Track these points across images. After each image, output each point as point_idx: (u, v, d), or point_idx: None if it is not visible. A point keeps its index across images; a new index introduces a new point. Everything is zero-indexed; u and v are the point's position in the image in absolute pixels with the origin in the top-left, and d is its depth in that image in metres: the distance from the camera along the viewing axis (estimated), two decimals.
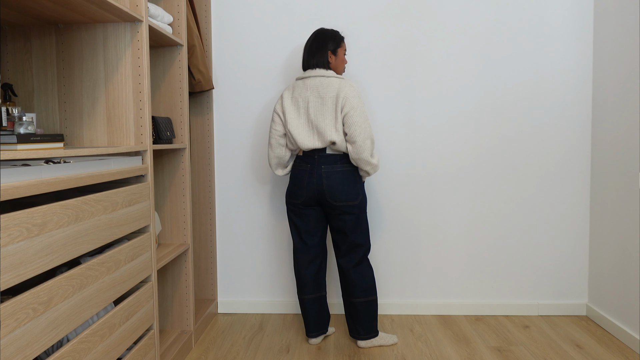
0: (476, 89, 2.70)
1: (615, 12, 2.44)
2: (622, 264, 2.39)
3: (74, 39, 1.84)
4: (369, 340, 2.32)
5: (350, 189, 2.22)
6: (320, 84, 2.20)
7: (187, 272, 2.37)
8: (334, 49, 2.26)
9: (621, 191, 2.39)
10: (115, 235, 1.57)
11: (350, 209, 2.23)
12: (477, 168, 2.73)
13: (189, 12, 2.44)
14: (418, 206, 2.76)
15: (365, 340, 2.32)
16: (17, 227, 1.10)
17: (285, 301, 2.83)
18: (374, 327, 2.31)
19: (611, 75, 2.48)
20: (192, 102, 2.77)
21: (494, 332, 2.50)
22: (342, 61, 2.30)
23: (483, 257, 2.77)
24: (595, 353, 2.24)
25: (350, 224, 2.25)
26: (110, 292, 1.54)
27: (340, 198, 2.21)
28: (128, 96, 1.84)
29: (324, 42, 2.26)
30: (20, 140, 1.30)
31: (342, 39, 2.30)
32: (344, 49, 2.31)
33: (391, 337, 2.37)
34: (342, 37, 2.30)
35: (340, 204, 2.22)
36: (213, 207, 2.80)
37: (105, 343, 1.49)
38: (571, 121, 2.70)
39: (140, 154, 1.86)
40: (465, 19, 2.68)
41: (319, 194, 2.23)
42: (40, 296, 1.18)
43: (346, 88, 2.18)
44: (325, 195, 2.22)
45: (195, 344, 2.41)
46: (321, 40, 2.26)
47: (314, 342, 2.38)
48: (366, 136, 2.16)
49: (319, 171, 2.22)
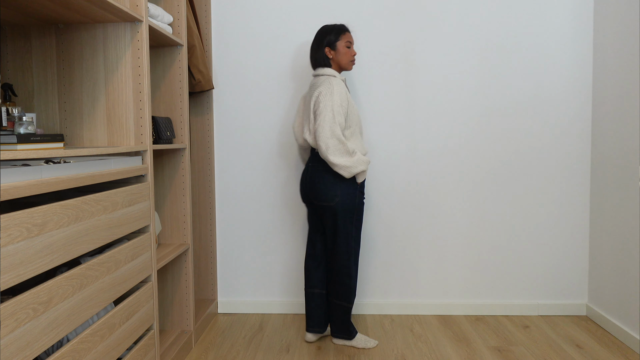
0: (476, 90, 2.70)
1: (615, 12, 2.44)
2: (622, 264, 2.39)
3: (74, 39, 1.84)
4: (339, 339, 2.36)
5: (326, 190, 2.19)
6: (314, 83, 2.26)
7: (187, 272, 2.37)
8: (332, 43, 2.24)
9: (621, 191, 2.39)
10: (115, 235, 1.57)
11: (327, 210, 2.21)
12: (477, 168, 2.73)
13: (189, 12, 2.44)
14: (418, 206, 2.76)
15: (336, 338, 2.36)
16: (17, 227, 1.09)
17: (285, 301, 2.83)
18: (346, 330, 2.32)
19: (611, 76, 2.48)
20: (192, 102, 2.77)
21: (494, 332, 2.50)
22: (344, 54, 2.24)
23: (483, 257, 2.77)
24: (595, 353, 2.24)
25: (328, 226, 2.25)
26: (110, 292, 1.54)
27: (317, 197, 2.22)
28: (128, 96, 1.84)
29: (321, 39, 2.26)
30: (20, 140, 1.30)
31: (342, 31, 2.25)
32: (346, 41, 2.24)
33: (368, 341, 2.33)
34: (342, 30, 2.25)
35: (319, 203, 2.23)
36: (213, 207, 2.80)
37: (105, 343, 1.49)
38: (571, 121, 2.69)
39: (140, 154, 1.86)
40: (465, 19, 2.68)
41: (306, 191, 2.28)
42: (40, 296, 1.18)
43: (321, 87, 2.16)
44: (308, 193, 2.27)
45: (195, 344, 2.41)
46: (318, 37, 2.28)
47: (309, 338, 2.38)
48: (328, 136, 2.09)
49: (308, 168, 2.29)
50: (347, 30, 2.28)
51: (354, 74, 2.72)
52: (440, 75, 2.71)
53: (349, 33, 2.27)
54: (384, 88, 2.72)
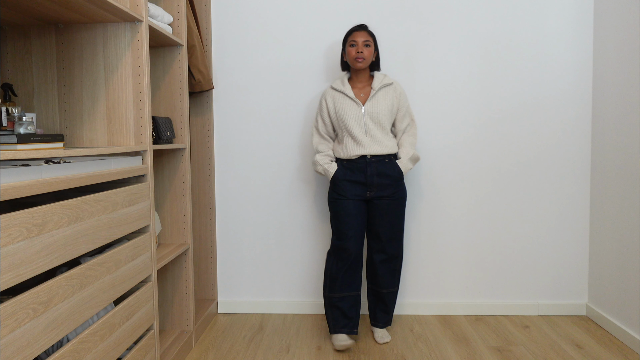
0: (476, 90, 2.70)
1: (615, 12, 2.44)
2: (622, 264, 2.39)
3: (74, 39, 1.84)
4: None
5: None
6: None
7: (187, 272, 2.37)
8: (343, 47, 2.37)
9: (621, 191, 2.39)
10: (115, 235, 1.57)
11: None
12: (478, 168, 2.73)
13: (189, 12, 2.44)
14: (418, 206, 2.76)
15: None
16: (17, 227, 1.10)
17: (285, 301, 2.83)
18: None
19: (611, 76, 2.48)
20: (192, 102, 2.77)
21: (494, 332, 2.50)
22: (349, 54, 2.32)
23: (483, 257, 2.77)
24: (595, 353, 2.24)
25: None
26: (110, 292, 1.54)
27: None
28: (128, 96, 1.84)
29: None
30: (20, 140, 1.30)
31: (349, 32, 2.34)
32: (351, 41, 2.31)
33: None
34: (349, 31, 2.34)
35: None
36: (213, 207, 2.80)
37: (105, 343, 1.49)
38: (571, 121, 2.70)
39: (140, 154, 1.86)
40: (466, 19, 2.68)
41: None
42: (40, 296, 1.18)
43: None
44: None
45: (195, 344, 2.41)
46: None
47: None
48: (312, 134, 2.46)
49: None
50: (355, 30, 2.33)
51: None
52: (440, 76, 2.71)
53: (356, 32, 2.32)
54: None
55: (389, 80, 2.36)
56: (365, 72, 2.36)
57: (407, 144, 2.36)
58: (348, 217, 2.29)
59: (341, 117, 2.31)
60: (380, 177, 2.29)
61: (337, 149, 2.37)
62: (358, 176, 2.29)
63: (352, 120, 2.28)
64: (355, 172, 2.29)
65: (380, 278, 2.39)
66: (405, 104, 2.39)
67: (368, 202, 2.36)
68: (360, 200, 2.32)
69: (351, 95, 2.31)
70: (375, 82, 2.34)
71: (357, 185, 2.30)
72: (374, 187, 2.29)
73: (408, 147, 2.35)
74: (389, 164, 2.30)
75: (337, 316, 2.32)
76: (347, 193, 2.30)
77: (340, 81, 2.37)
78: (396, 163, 2.32)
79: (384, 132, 2.32)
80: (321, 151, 2.39)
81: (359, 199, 2.31)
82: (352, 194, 2.30)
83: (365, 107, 2.29)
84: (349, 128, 2.29)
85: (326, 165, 2.35)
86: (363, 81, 2.36)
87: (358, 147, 2.28)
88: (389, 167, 2.30)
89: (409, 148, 2.35)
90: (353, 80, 2.38)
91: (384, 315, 2.44)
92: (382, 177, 2.29)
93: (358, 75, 2.36)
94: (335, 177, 2.32)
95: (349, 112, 2.29)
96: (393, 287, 2.41)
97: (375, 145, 2.28)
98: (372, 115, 2.28)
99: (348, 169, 2.31)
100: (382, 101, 2.31)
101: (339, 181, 2.31)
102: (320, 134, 2.42)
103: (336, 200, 2.33)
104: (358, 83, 2.37)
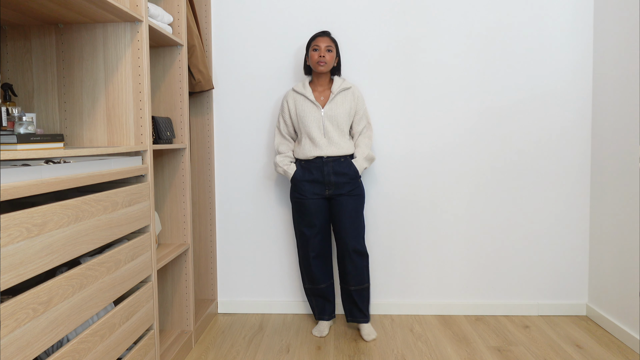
0: (476, 89, 2.70)
1: (615, 12, 2.44)
2: (622, 264, 2.39)
3: (74, 39, 1.84)
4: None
5: None
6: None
7: (187, 272, 2.37)
8: (307, 51, 2.45)
9: (621, 191, 2.39)
10: (115, 235, 1.57)
11: None
12: (477, 168, 2.73)
13: (189, 12, 2.44)
14: (418, 206, 2.76)
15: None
16: (17, 227, 1.09)
17: (285, 301, 2.83)
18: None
19: (611, 75, 2.48)
20: (192, 102, 2.77)
21: (494, 332, 2.50)
22: (312, 57, 2.41)
23: (483, 257, 2.77)
24: (595, 353, 2.24)
25: None
26: (110, 292, 1.54)
27: None
28: (128, 96, 1.84)
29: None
30: (20, 140, 1.30)
31: (312, 38, 2.42)
32: (314, 46, 2.40)
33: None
34: (313, 36, 2.43)
35: None
36: (213, 207, 2.80)
37: (105, 343, 1.49)
38: (572, 121, 2.70)
39: (140, 154, 1.86)
40: (466, 19, 2.68)
41: None
42: (40, 296, 1.18)
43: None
44: None
45: (195, 344, 2.41)
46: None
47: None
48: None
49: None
50: (318, 36, 2.42)
51: (353, 75, 2.72)
52: (439, 75, 2.71)
53: (319, 37, 2.41)
54: (383, 89, 2.72)
55: (347, 85, 2.46)
56: (326, 76, 2.46)
57: (363, 145, 2.47)
58: (308, 211, 2.43)
59: (301, 118, 2.41)
60: (337, 175, 2.39)
61: (296, 150, 2.47)
62: (316, 175, 2.39)
63: (312, 122, 2.39)
64: (313, 171, 2.39)
65: (348, 275, 2.45)
66: (362, 108, 2.49)
67: (329, 201, 2.46)
68: (321, 199, 2.43)
69: (311, 98, 2.40)
70: (334, 86, 2.44)
71: (316, 185, 2.40)
72: (331, 185, 2.39)
73: (364, 148, 2.46)
74: (344, 163, 2.40)
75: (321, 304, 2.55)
76: (307, 193, 2.42)
77: (302, 84, 2.47)
78: (352, 162, 2.42)
79: (342, 134, 2.41)
80: (281, 152, 2.49)
81: (319, 197, 2.42)
82: (311, 193, 2.42)
83: (324, 110, 2.39)
84: (308, 130, 2.40)
85: (285, 167, 2.45)
86: (323, 85, 2.47)
87: (315, 149, 2.39)
88: (344, 165, 2.40)
89: (365, 148, 2.46)
90: (314, 83, 2.48)
91: (359, 312, 2.49)
92: (338, 176, 2.39)
93: (319, 79, 2.46)
94: (295, 178, 2.43)
95: (309, 115, 2.39)
96: (362, 283, 2.45)
97: (331, 147, 2.39)
98: (330, 118, 2.39)
99: (306, 169, 2.41)
100: (341, 104, 2.41)
101: (298, 182, 2.43)
102: (282, 135, 2.51)
103: (297, 200, 2.45)
104: (319, 86, 2.47)
